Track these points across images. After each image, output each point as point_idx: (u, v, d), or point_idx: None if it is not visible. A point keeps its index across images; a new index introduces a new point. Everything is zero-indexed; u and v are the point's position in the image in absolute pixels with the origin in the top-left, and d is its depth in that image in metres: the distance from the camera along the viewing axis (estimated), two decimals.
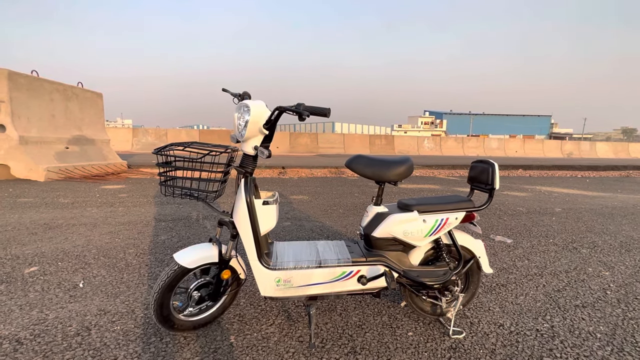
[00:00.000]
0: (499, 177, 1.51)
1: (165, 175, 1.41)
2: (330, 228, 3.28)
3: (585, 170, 11.04)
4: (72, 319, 1.60)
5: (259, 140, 1.39)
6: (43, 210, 3.64)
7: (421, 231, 1.47)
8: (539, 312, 1.81)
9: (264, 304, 1.79)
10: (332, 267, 1.43)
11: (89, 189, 5.00)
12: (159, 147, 1.36)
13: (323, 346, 1.46)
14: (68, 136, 6.34)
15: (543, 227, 3.54)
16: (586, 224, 3.75)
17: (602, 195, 5.93)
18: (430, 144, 19.84)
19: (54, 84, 6.21)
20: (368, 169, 1.48)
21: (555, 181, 8.03)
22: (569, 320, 1.73)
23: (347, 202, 4.58)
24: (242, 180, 1.41)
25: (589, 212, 4.40)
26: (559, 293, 2.04)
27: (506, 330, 1.63)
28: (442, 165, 10.32)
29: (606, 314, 1.81)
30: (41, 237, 2.76)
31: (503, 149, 20.52)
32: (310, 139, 17.53)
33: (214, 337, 1.50)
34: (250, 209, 1.37)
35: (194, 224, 3.25)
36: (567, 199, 5.42)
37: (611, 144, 21.84)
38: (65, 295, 1.83)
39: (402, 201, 1.57)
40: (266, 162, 9.19)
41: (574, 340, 1.56)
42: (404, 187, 6.18)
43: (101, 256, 2.39)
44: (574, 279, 2.26)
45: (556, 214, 4.20)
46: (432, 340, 1.53)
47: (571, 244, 3.01)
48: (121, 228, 3.06)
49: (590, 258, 2.66)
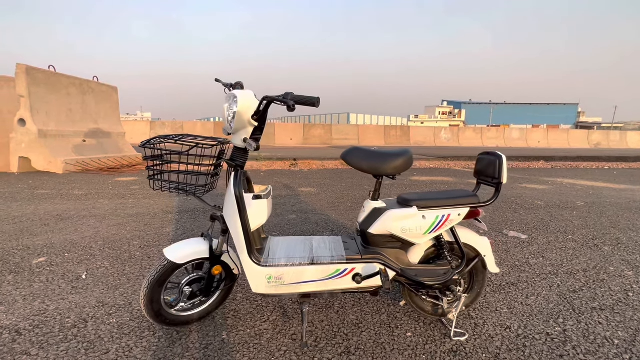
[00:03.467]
0: (506, 170, 1.40)
1: (154, 169, 1.38)
2: (335, 221, 3.22)
3: (613, 161, 10.42)
4: (71, 311, 1.62)
5: (248, 132, 1.33)
6: (58, 201, 3.75)
7: (420, 228, 1.38)
8: (551, 315, 1.69)
9: (260, 300, 1.76)
10: (325, 265, 1.37)
11: (103, 181, 5.13)
12: (146, 140, 1.32)
13: (316, 345, 1.42)
14: (85, 129, 6.52)
15: (562, 222, 3.35)
16: (610, 219, 3.52)
17: (631, 188, 5.57)
18: (447, 134, 19.29)
19: (70, 78, 6.37)
20: (364, 162, 1.39)
21: (580, 173, 7.62)
22: (584, 324, 1.61)
23: (355, 195, 4.49)
24: (232, 173, 1.37)
25: (614, 206, 4.13)
26: (575, 294, 1.91)
27: (513, 333, 1.53)
28: (458, 157, 10.01)
29: (626, 319, 1.67)
30: (53, 228, 2.83)
31: (525, 139, 19.70)
32: (324, 131, 17.38)
33: (207, 333, 1.48)
34: (239, 203, 1.32)
35: (200, 217, 3.26)
36: (590, 192, 5.12)
37: None
38: (67, 286, 1.86)
39: (403, 196, 1.48)
40: (278, 153, 9.18)
41: (588, 347, 1.45)
42: (415, 180, 6.02)
43: (107, 248, 2.42)
44: (593, 278, 2.11)
45: (577, 208, 3.97)
46: (431, 342, 1.46)
47: (592, 240, 2.83)
48: (129, 220, 3.11)
49: (613, 256, 2.48)
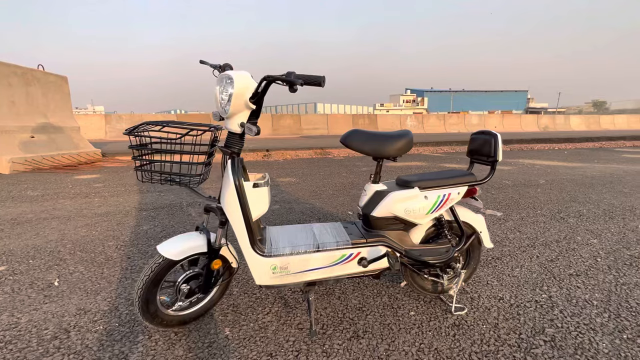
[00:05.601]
0: (501, 148, 1.44)
1: (141, 159, 1.26)
2: (321, 209, 3.19)
3: (562, 142, 11.36)
4: (48, 321, 1.46)
5: (245, 116, 1.25)
6: (9, 204, 3.36)
7: (423, 208, 1.40)
8: (535, 283, 1.81)
9: (258, 292, 1.71)
10: (331, 251, 1.35)
11: (61, 180, 4.68)
12: (130, 127, 1.19)
13: (324, 332, 1.40)
14: (32, 124, 5.87)
15: (530, 199, 3.59)
16: (569, 194, 3.84)
17: (581, 165, 6.11)
18: (413, 121, 19.89)
19: (11, 67, 5.66)
20: (366, 144, 1.37)
21: (536, 154, 8.22)
22: (565, 290, 1.74)
23: (335, 182, 4.50)
24: (228, 161, 1.28)
25: (571, 182, 4.51)
26: (553, 263, 2.06)
27: (506, 303, 1.62)
28: (426, 143, 10.35)
29: (599, 281, 1.83)
30: (8, 233, 2.53)
31: (483, 124, 20.84)
32: (294, 121, 17.17)
33: (208, 331, 1.40)
34: (239, 192, 1.24)
35: (178, 212, 3.08)
36: (548, 170, 5.55)
37: (584, 117, 22.58)
38: (38, 295, 1.67)
39: (402, 178, 1.48)
40: (250, 144, 8.93)
41: (573, 309, 1.57)
42: (390, 165, 6.15)
43: (78, 251, 2.21)
44: (565, 248, 2.29)
45: (540, 186, 4.28)
46: (434, 318, 1.50)
47: (558, 214, 3.06)
48: (98, 220, 2.87)
49: (578, 227, 2.71)
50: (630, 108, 78.17)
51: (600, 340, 1.35)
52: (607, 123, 22.76)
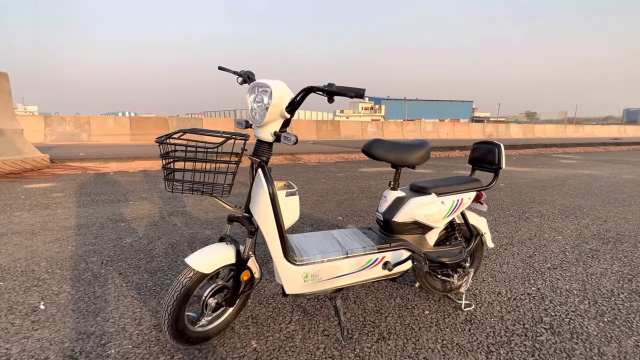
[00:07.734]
0: (504, 157, 1.60)
1: (169, 169, 1.20)
2: (310, 216, 3.21)
3: (507, 149, 12.57)
4: (46, 349, 1.31)
5: (278, 125, 1.25)
6: None
7: (440, 213, 1.50)
8: (523, 278, 2.01)
9: (274, 302, 1.68)
10: (359, 256, 1.39)
11: (8, 189, 4.14)
12: (162, 135, 1.14)
13: (351, 337, 1.43)
14: None
15: (497, 201, 3.95)
16: (528, 196, 4.28)
17: (530, 170, 6.83)
18: (373, 128, 20.65)
19: None
20: (391, 153, 1.44)
21: None
22: (549, 282, 1.96)
23: (316, 189, 4.54)
24: (259, 170, 1.27)
25: (526, 185, 5.03)
26: (532, 259, 2.29)
27: (504, 297, 1.78)
28: None
29: (573, 273, 2.08)
30: None
31: (437, 132, 22.30)
32: None
33: (233, 345, 1.36)
34: (273, 201, 1.24)
35: (160, 222, 2.90)
36: (504, 174, 6.12)
37: (521, 126, 25.22)
38: (24, 321, 1.49)
39: (417, 184, 1.58)
40: None
41: (559, 299, 1.77)
42: (364, 171, 6.34)
43: (56, 269, 1.99)
44: (537, 244, 2.56)
45: (502, 189, 4.71)
46: (448, 315, 1.60)
47: (524, 214, 3.41)
48: (70, 233, 2.60)
49: (543, 225, 3.04)
50: (555, 119, 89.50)
51: (588, 325, 1.55)
52: (539, 131, 25.60)
